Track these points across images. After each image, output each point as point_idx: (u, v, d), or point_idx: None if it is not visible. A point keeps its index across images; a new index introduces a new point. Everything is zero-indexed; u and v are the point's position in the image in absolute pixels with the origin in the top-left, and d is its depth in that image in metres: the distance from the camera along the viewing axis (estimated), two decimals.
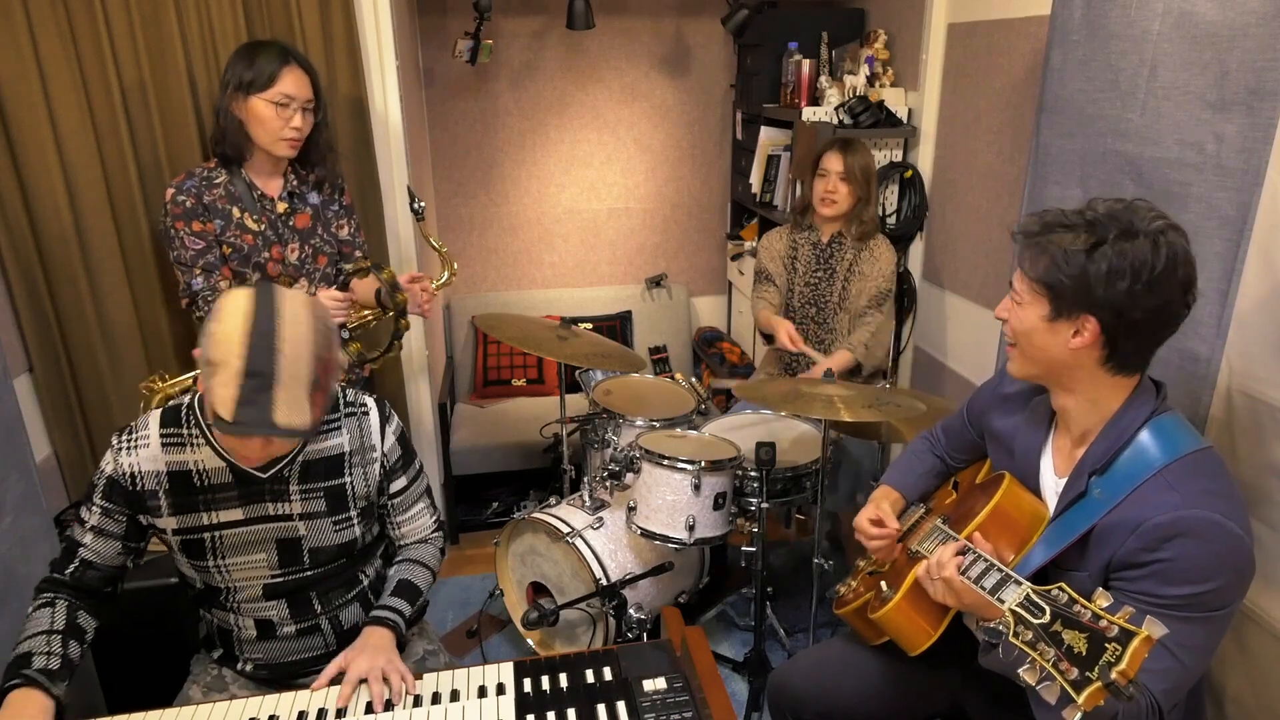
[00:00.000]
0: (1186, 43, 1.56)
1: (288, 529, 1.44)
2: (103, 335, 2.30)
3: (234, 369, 1.15)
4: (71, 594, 1.42)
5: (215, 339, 1.17)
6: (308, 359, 1.20)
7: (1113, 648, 0.96)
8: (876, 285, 2.68)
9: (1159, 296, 1.17)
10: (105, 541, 1.42)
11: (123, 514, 1.41)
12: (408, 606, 1.52)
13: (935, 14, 2.80)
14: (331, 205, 2.21)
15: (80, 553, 1.42)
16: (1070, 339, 1.23)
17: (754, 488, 2.28)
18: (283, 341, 1.18)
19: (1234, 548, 1.15)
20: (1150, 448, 1.24)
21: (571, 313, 3.84)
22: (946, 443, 1.70)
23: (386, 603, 1.50)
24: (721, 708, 1.26)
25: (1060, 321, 1.23)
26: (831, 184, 2.61)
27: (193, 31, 2.23)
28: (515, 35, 3.61)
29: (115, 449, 1.39)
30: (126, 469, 1.38)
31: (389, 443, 1.52)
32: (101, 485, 1.40)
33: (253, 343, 1.16)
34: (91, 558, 1.42)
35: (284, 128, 1.98)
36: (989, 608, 1.21)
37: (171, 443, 1.39)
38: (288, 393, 1.17)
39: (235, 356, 1.15)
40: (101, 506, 1.40)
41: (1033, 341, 1.28)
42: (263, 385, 1.16)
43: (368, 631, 1.44)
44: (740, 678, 2.39)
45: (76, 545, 1.42)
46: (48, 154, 2.14)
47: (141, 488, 1.38)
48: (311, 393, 1.20)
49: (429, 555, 1.61)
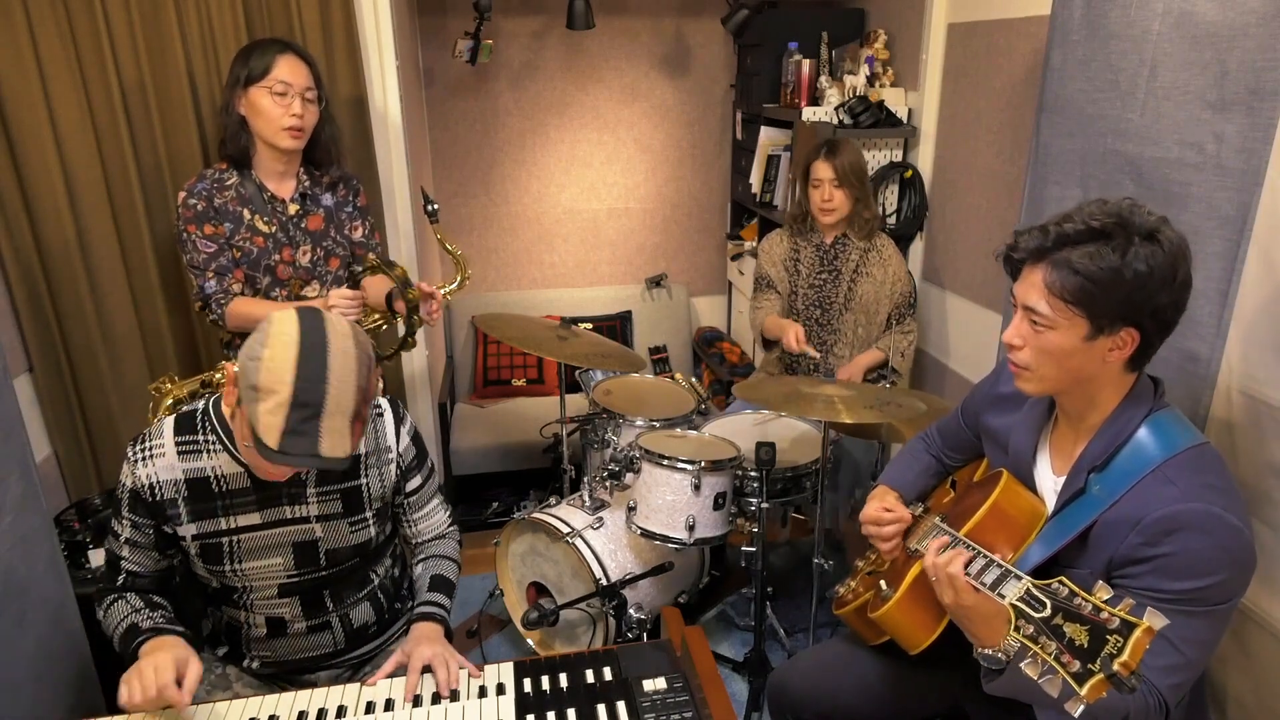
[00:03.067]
0: (1186, 43, 1.56)
1: (304, 531, 1.45)
2: (103, 336, 2.30)
3: (282, 398, 1.16)
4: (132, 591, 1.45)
5: (264, 365, 1.17)
6: (352, 390, 1.21)
7: (1114, 639, 0.96)
8: (900, 290, 2.68)
9: (1186, 291, 1.19)
10: (141, 552, 1.44)
11: (149, 525, 1.42)
12: (447, 599, 1.55)
13: (935, 14, 2.80)
14: (346, 206, 2.20)
15: (123, 565, 1.44)
16: (1108, 353, 1.21)
17: (754, 488, 2.28)
18: (330, 373, 1.18)
19: (1235, 540, 1.15)
20: (1149, 444, 1.24)
21: (571, 313, 3.84)
22: (942, 442, 1.70)
23: (428, 598, 1.53)
24: (721, 708, 1.25)
25: (1100, 338, 1.19)
26: (827, 192, 2.59)
27: (193, 31, 2.23)
28: (515, 35, 3.62)
29: (131, 461, 1.39)
30: (145, 480, 1.38)
31: (404, 443, 1.53)
32: (126, 499, 1.41)
33: (302, 372, 1.17)
34: (135, 568, 1.45)
35: (284, 115, 1.96)
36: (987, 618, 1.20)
37: (188, 450, 1.39)
38: (332, 423, 1.18)
39: (284, 385, 1.16)
40: (130, 520, 1.41)
41: (1065, 363, 1.23)
42: (310, 415, 1.17)
43: (417, 627, 1.46)
44: (740, 678, 2.39)
45: (118, 559, 1.44)
46: (48, 154, 2.14)
47: (161, 498, 1.39)
48: (353, 423, 1.22)
49: (451, 549, 1.64)
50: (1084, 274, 1.16)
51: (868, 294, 2.68)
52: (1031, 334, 1.24)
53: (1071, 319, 1.19)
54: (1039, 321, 1.22)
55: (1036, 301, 1.21)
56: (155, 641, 1.33)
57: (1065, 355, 1.22)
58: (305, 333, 1.20)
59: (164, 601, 1.47)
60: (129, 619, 1.39)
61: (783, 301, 2.79)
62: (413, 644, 1.41)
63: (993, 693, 1.24)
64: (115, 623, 1.40)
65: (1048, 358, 1.23)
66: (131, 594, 1.44)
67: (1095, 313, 1.17)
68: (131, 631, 1.37)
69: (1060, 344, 1.21)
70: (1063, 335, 1.20)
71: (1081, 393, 1.28)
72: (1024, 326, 1.25)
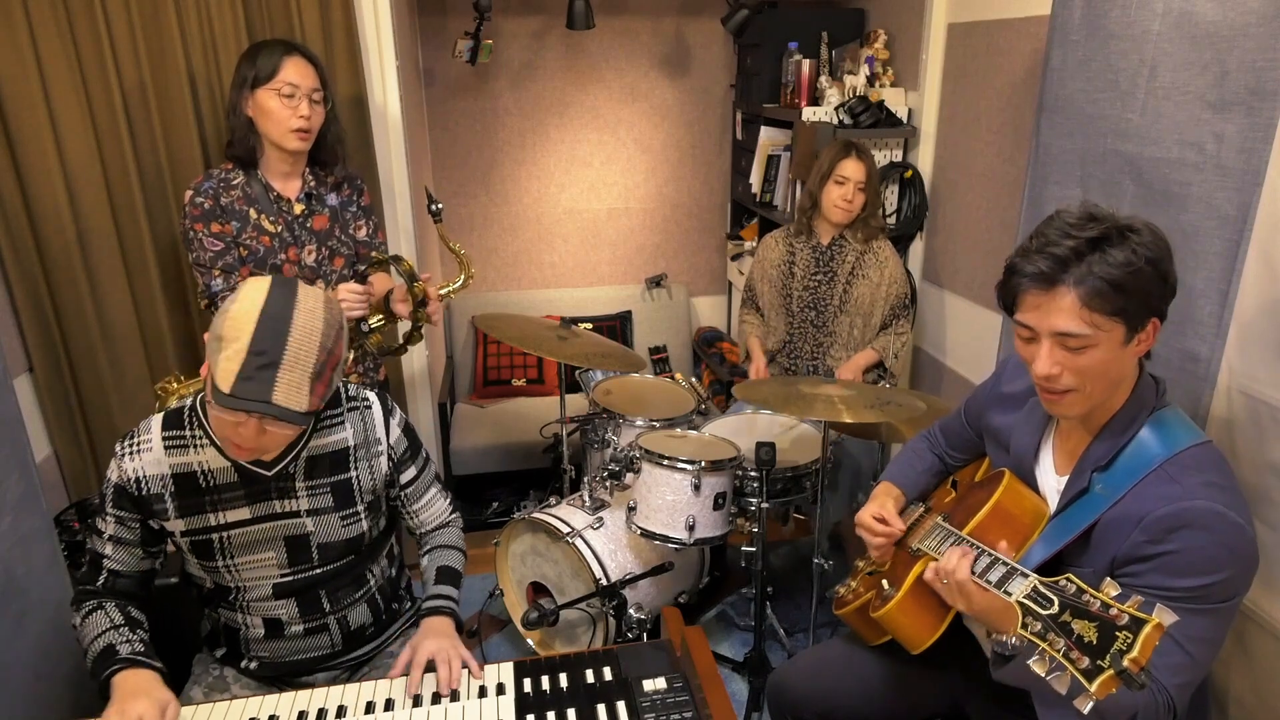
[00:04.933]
0: (1186, 43, 1.56)
1: (295, 526, 1.44)
2: (103, 335, 2.30)
3: (241, 345, 1.17)
4: (110, 598, 1.43)
5: (229, 316, 1.19)
6: (314, 347, 1.21)
7: (1124, 636, 0.95)
8: (896, 292, 2.68)
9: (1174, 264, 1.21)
10: (125, 549, 1.43)
11: (135, 520, 1.41)
12: (455, 590, 1.55)
13: (935, 14, 2.80)
14: (350, 206, 2.20)
15: (105, 564, 1.43)
16: (1136, 348, 1.22)
17: (754, 488, 2.28)
18: (294, 325, 1.19)
19: (1238, 538, 1.16)
20: (1151, 442, 1.24)
21: (571, 313, 3.84)
22: (945, 442, 1.70)
23: (436, 591, 1.53)
24: (721, 708, 1.25)
25: (1133, 337, 1.20)
26: (850, 192, 2.59)
27: (193, 32, 2.23)
28: (515, 35, 3.62)
29: (119, 455, 1.39)
30: (131, 474, 1.38)
31: (394, 435, 1.53)
32: (110, 494, 1.40)
33: (263, 322, 1.18)
34: (117, 567, 1.43)
35: (292, 117, 1.96)
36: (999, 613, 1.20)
37: (175, 445, 1.39)
38: (290, 375, 1.18)
39: (244, 333, 1.17)
40: (115, 515, 1.41)
41: (1107, 374, 1.22)
42: (267, 364, 1.17)
43: (428, 621, 1.46)
44: (740, 678, 2.39)
45: (100, 557, 1.43)
46: (48, 154, 2.14)
47: (147, 492, 1.38)
48: (313, 381, 1.21)
49: (455, 538, 1.64)
50: (1112, 280, 1.15)
51: (863, 296, 2.68)
52: (1068, 358, 1.21)
53: (1111, 328, 1.18)
54: (1074, 344, 1.19)
55: (1070, 324, 1.18)
56: (131, 677, 1.30)
57: (1107, 366, 1.21)
58: (274, 290, 1.22)
59: (142, 618, 1.44)
60: (106, 637, 1.36)
61: (764, 326, 2.85)
62: (420, 637, 1.42)
63: (1000, 680, 1.24)
64: (92, 636, 1.37)
65: (1091, 375, 1.21)
66: (111, 603, 1.41)
67: (1130, 314, 1.17)
68: (107, 654, 1.33)
69: (1102, 357, 1.19)
70: (1103, 348, 1.19)
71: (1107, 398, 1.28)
72: (1058, 353, 1.21)
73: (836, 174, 2.61)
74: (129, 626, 1.39)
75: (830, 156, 2.63)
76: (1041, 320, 1.20)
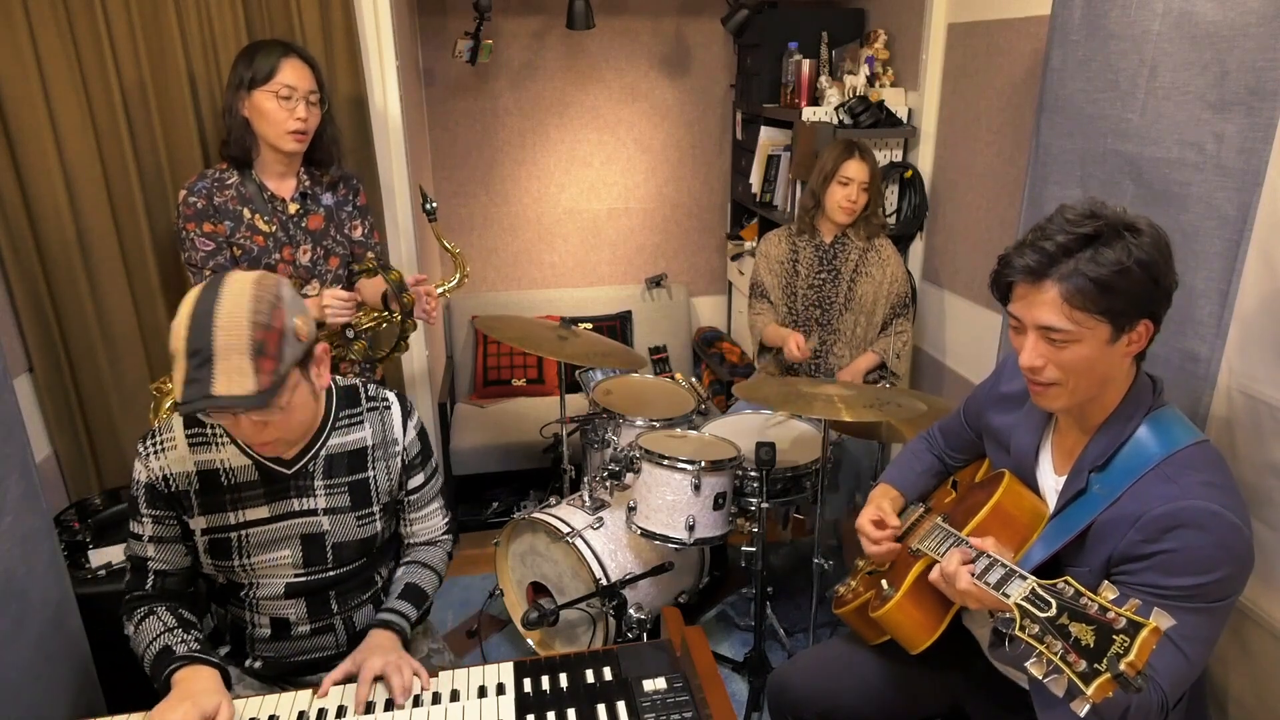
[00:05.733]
0: (1186, 43, 1.56)
1: (312, 524, 1.44)
2: (103, 335, 2.30)
3: (181, 352, 1.19)
4: (161, 602, 1.43)
5: (172, 331, 1.21)
6: (245, 328, 1.19)
7: (1121, 639, 0.95)
8: (896, 291, 2.68)
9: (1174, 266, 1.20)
10: (168, 548, 1.43)
11: (171, 517, 1.41)
12: (414, 611, 1.52)
13: (935, 14, 2.80)
14: (346, 206, 2.20)
15: (150, 565, 1.43)
16: (1126, 348, 1.21)
17: (754, 488, 2.28)
18: (217, 318, 1.19)
19: (1234, 537, 1.16)
20: (1148, 442, 1.24)
21: (571, 313, 3.84)
22: (944, 442, 1.70)
23: (393, 606, 1.50)
24: (721, 708, 1.25)
25: (1120, 336, 1.20)
26: (855, 192, 2.60)
27: (193, 32, 2.22)
28: (515, 35, 3.62)
29: (143, 455, 1.39)
30: (159, 472, 1.38)
31: (410, 437, 1.53)
32: (143, 495, 1.40)
33: (192, 326, 1.19)
34: (163, 566, 1.43)
35: (289, 119, 1.96)
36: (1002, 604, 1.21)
37: (198, 441, 1.39)
38: (227, 364, 1.18)
39: (181, 340, 1.19)
40: (150, 515, 1.41)
41: (1093, 371, 1.22)
42: (202, 362, 1.18)
43: (373, 634, 1.44)
44: (740, 678, 2.39)
45: (144, 560, 1.43)
46: (48, 154, 2.14)
47: (176, 489, 1.39)
48: (256, 360, 1.20)
49: (437, 558, 1.62)
50: (1098, 280, 1.15)
51: (867, 294, 2.69)
52: (1052, 352, 1.22)
53: (1094, 326, 1.18)
54: (1058, 338, 1.20)
55: (1053, 319, 1.19)
56: (190, 675, 1.31)
57: (1091, 363, 1.21)
58: (203, 291, 1.22)
59: (194, 619, 1.44)
60: (161, 639, 1.36)
61: (777, 310, 2.81)
62: (364, 653, 1.38)
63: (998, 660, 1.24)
64: (147, 641, 1.37)
65: (1075, 370, 1.22)
66: (162, 607, 1.41)
67: (1116, 314, 1.17)
68: (165, 655, 1.34)
69: (1086, 354, 1.20)
70: (1087, 345, 1.20)
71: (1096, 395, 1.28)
72: (1041, 346, 1.22)
73: (840, 175, 2.61)
74: (183, 628, 1.39)
75: (834, 157, 2.62)
76: (1026, 312, 1.23)
